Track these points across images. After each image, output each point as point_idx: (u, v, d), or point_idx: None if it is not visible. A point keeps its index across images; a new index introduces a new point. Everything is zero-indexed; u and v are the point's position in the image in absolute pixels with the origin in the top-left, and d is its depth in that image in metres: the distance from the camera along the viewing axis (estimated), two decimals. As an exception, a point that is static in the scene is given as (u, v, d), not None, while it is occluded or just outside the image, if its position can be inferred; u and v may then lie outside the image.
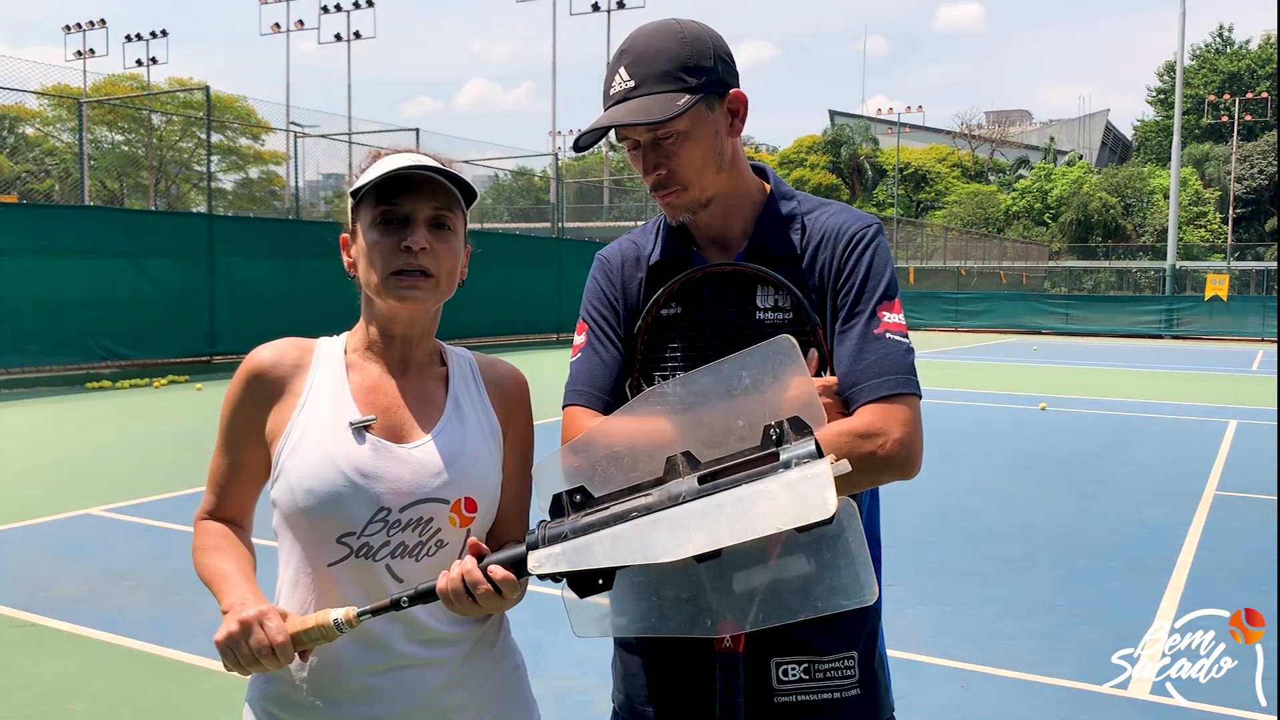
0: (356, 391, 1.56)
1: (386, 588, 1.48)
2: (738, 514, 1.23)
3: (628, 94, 1.55)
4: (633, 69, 1.55)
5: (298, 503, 1.49)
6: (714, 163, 1.60)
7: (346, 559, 1.50)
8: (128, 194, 38.69)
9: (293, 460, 1.50)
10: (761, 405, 1.34)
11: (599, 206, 43.34)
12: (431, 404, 1.59)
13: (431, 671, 1.52)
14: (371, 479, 1.49)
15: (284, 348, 1.60)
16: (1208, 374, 20.04)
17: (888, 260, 1.62)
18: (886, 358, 1.53)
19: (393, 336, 1.59)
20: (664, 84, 1.54)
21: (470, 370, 1.66)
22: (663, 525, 1.26)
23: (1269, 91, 61.78)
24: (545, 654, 4.11)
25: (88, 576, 5.42)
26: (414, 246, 1.49)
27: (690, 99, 1.54)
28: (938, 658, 4.44)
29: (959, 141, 71.49)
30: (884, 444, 1.46)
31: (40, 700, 3.86)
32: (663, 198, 1.61)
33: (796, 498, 1.21)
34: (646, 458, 1.36)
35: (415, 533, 1.51)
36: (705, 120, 1.58)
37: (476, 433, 1.59)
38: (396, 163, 1.51)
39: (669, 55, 1.55)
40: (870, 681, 1.62)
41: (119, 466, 8.75)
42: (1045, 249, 60.26)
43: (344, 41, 47.70)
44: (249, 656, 1.37)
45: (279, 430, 1.54)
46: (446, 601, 1.39)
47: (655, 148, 1.58)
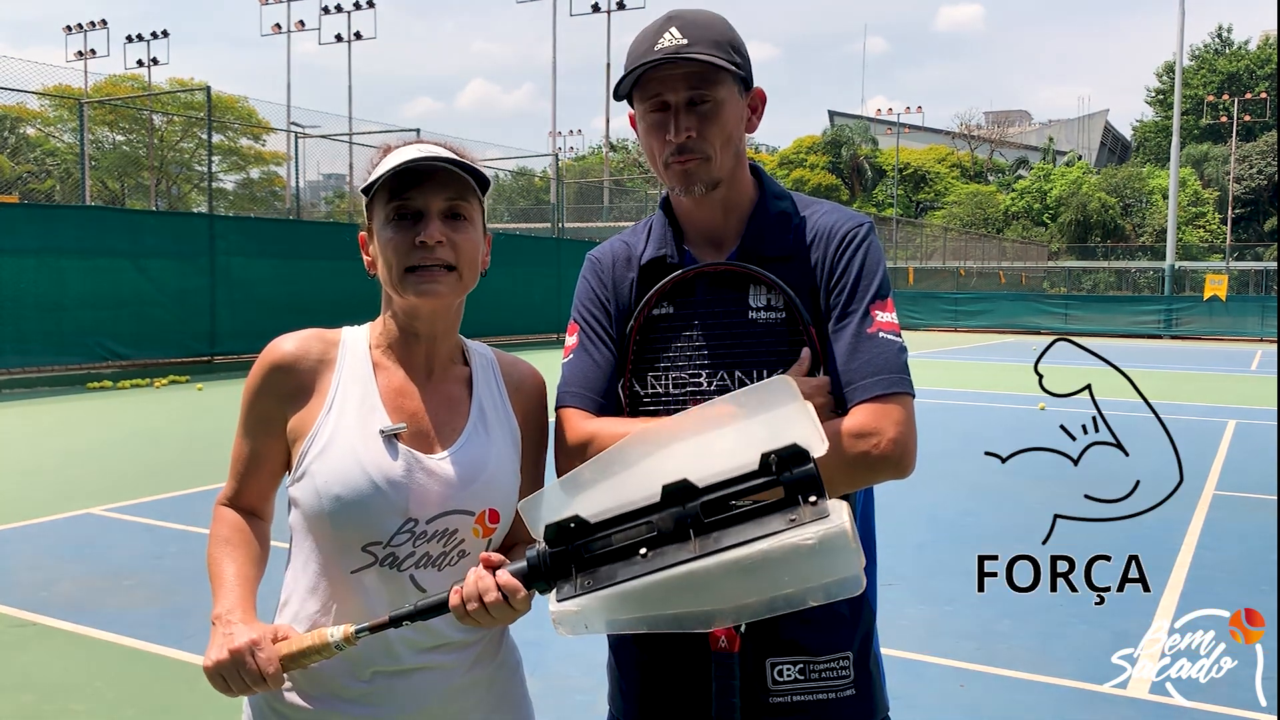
0: (385, 395, 1.53)
1: (409, 596, 1.46)
2: (764, 579, 1.21)
3: (681, 49, 1.54)
4: (685, 30, 1.56)
5: (324, 507, 1.46)
6: (734, 145, 1.62)
7: (370, 567, 1.48)
8: (129, 194, 38.66)
9: (320, 463, 1.48)
10: (756, 430, 1.29)
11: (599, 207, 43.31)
12: (457, 409, 1.57)
13: (439, 675, 1.52)
14: (400, 490, 1.47)
15: (308, 341, 1.56)
16: (1207, 374, 20.04)
17: (880, 259, 1.63)
18: (880, 357, 1.53)
19: (416, 334, 1.56)
20: (716, 50, 1.56)
21: (493, 370, 1.64)
22: (690, 586, 1.24)
23: (1268, 92, 61.77)
24: (544, 653, 4.12)
25: (88, 576, 5.42)
26: (429, 241, 1.47)
27: (737, 70, 1.57)
28: (937, 657, 4.44)
29: (958, 142, 71.47)
30: (878, 443, 1.47)
31: (41, 700, 3.86)
32: (683, 164, 1.59)
33: (823, 559, 1.20)
34: (639, 478, 1.32)
35: (440, 543, 1.49)
36: (737, 102, 1.61)
37: (500, 441, 1.57)
38: (405, 155, 1.48)
39: (719, 30, 1.59)
40: (865, 682, 1.62)
41: (119, 466, 8.74)
42: (1044, 249, 60.24)
43: (344, 42, 47.70)
44: (241, 684, 1.36)
45: (304, 429, 1.51)
46: (460, 615, 1.37)
47: (689, 110, 1.57)
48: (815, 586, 1.22)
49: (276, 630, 1.42)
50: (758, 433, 1.27)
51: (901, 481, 1.59)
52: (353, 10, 47.01)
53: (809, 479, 1.23)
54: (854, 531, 1.21)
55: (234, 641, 1.37)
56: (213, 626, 1.43)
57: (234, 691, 1.38)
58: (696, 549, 1.25)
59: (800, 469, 1.24)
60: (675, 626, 1.28)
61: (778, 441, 1.25)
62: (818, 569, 1.20)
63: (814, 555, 1.20)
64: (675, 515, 1.27)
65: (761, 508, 1.25)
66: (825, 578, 1.21)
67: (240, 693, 1.38)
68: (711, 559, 1.23)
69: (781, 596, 1.23)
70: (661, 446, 1.32)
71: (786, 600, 1.23)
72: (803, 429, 1.26)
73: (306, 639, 1.39)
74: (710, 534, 1.25)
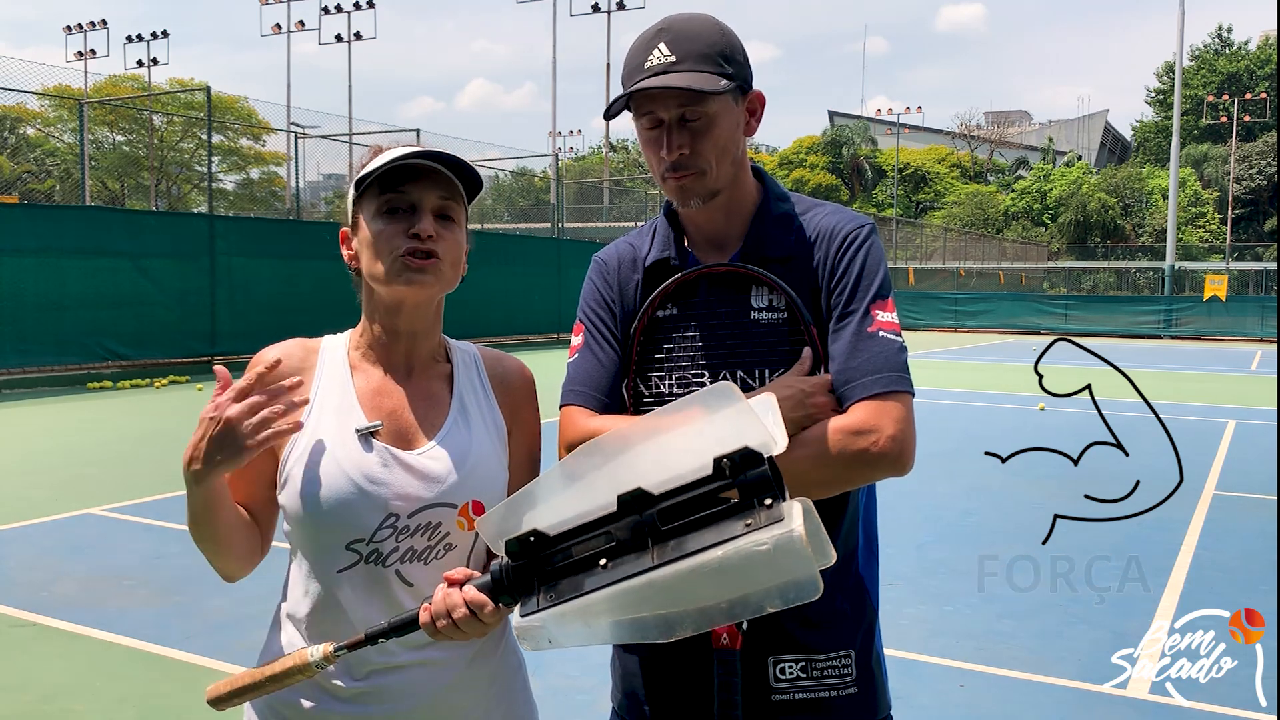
0: (362, 395, 1.55)
1: (395, 592, 1.48)
2: (723, 584, 1.20)
3: (668, 67, 1.55)
4: (673, 45, 1.56)
5: (305, 509, 1.49)
6: (731, 155, 1.61)
7: (356, 565, 1.50)
8: (129, 194, 38.67)
9: (299, 467, 1.50)
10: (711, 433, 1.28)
11: (599, 207, 43.32)
12: (437, 405, 1.58)
13: (438, 672, 1.52)
14: (380, 486, 1.48)
15: (290, 349, 1.59)
16: (1207, 374, 20.05)
17: (881, 260, 1.63)
18: (879, 356, 1.54)
19: (397, 332, 1.57)
20: (704, 64, 1.55)
21: (475, 367, 1.65)
22: (649, 595, 1.23)
23: (1268, 92, 61.79)
24: (545, 654, 4.11)
25: (88, 576, 5.42)
26: (422, 234, 1.48)
27: (727, 84, 1.56)
28: (937, 657, 4.44)
29: (958, 142, 71.50)
30: (877, 441, 1.48)
31: (41, 700, 3.86)
32: (678, 179, 1.60)
33: (778, 564, 1.19)
34: (596, 487, 1.31)
35: (424, 537, 1.50)
36: (732, 110, 1.60)
37: (482, 434, 1.58)
38: (401, 152, 1.50)
39: (709, 40, 1.58)
40: (867, 680, 1.63)
41: (119, 466, 8.75)
42: (1044, 249, 60.26)
43: (344, 42, 47.70)
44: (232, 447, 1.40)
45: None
46: (430, 632, 1.38)
47: (681, 127, 1.58)
48: (772, 589, 1.20)
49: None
50: (713, 435, 1.26)
51: (901, 481, 1.60)
52: (352, 10, 47.03)
53: (763, 480, 1.22)
54: (809, 536, 1.19)
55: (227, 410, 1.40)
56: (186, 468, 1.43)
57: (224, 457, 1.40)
58: (655, 558, 1.24)
59: (754, 471, 1.22)
60: (638, 636, 1.27)
61: (732, 444, 1.23)
62: (774, 573, 1.19)
63: (769, 560, 1.19)
64: (632, 524, 1.26)
65: (718, 512, 1.24)
66: (781, 579, 1.19)
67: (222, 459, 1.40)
68: (669, 568, 1.22)
69: (739, 600, 1.22)
70: (617, 455, 1.31)
71: (745, 604, 1.22)
72: (756, 430, 1.25)
73: (289, 660, 1.41)
74: (668, 542, 1.24)
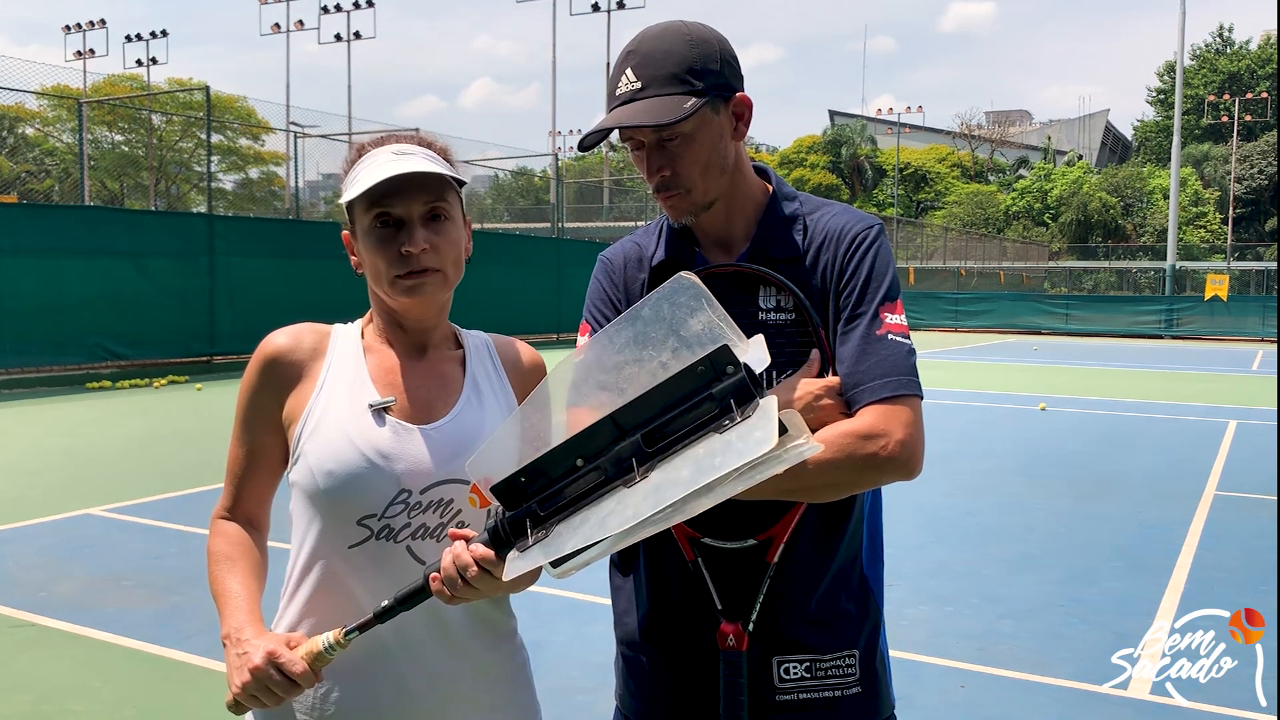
0: (374, 373, 1.57)
1: (406, 569, 1.47)
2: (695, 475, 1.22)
3: (635, 95, 1.54)
4: (640, 70, 1.55)
5: (318, 484, 1.49)
6: (717, 166, 1.60)
7: (367, 541, 1.49)
8: (128, 194, 38.66)
9: (312, 442, 1.50)
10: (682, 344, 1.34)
11: (599, 207, 43.34)
12: (449, 385, 1.60)
13: (445, 662, 1.53)
14: (392, 460, 1.49)
15: (300, 333, 1.60)
16: (1208, 374, 20.05)
17: (890, 261, 1.62)
18: (889, 359, 1.53)
19: (405, 326, 1.61)
20: (671, 86, 1.54)
21: (488, 351, 1.67)
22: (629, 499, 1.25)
23: (1269, 92, 61.77)
24: (545, 654, 4.11)
25: (88, 576, 5.42)
26: (413, 250, 1.49)
27: (696, 102, 1.53)
28: (938, 658, 4.44)
29: (959, 142, 71.48)
30: (886, 445, 1.46)
31: (40, 700, 3.86)
32: (666, 199, 1.61)
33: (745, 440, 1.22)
34: None
35: (436, 514, 1.51)
36: (710, 123, 1.57)
37: (495, 412, 1.59)
38: (379, 162, 1.50)
39: (676, 57, 1.55)
40: (871, 679, 1.63)
41: (119, 466, 8.74)
42: (1045, 249, 60.26)
43: (344, 42, 47.71)
44: (274, 697, 1.38)
45: (297, 413, 1.54)
46: (444, 597, 1.37)
47: (660, 150, 1.57)
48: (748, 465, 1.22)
49: (289, 639, 1.43)
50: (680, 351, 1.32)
51: (903, 481, 1.59)
52: (352, 10, 47.03)
53: (741, 387, 1.26)
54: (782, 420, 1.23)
55: (252, 660, 1.38)
56: (224, 647, 1.44)
57: (274, 703, 1.39)
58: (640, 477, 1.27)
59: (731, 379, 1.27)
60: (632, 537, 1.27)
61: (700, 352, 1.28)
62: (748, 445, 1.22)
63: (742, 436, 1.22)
64: (617, 454, 1.29)
65: (697, 425, 1.28)
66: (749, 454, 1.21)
67: (277, 704, 1.39)
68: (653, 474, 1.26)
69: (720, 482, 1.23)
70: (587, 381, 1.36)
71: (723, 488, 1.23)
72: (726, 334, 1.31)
73: (300, 649, 1.40)
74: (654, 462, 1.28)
